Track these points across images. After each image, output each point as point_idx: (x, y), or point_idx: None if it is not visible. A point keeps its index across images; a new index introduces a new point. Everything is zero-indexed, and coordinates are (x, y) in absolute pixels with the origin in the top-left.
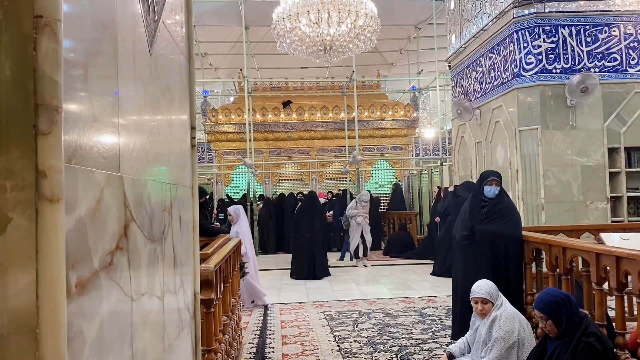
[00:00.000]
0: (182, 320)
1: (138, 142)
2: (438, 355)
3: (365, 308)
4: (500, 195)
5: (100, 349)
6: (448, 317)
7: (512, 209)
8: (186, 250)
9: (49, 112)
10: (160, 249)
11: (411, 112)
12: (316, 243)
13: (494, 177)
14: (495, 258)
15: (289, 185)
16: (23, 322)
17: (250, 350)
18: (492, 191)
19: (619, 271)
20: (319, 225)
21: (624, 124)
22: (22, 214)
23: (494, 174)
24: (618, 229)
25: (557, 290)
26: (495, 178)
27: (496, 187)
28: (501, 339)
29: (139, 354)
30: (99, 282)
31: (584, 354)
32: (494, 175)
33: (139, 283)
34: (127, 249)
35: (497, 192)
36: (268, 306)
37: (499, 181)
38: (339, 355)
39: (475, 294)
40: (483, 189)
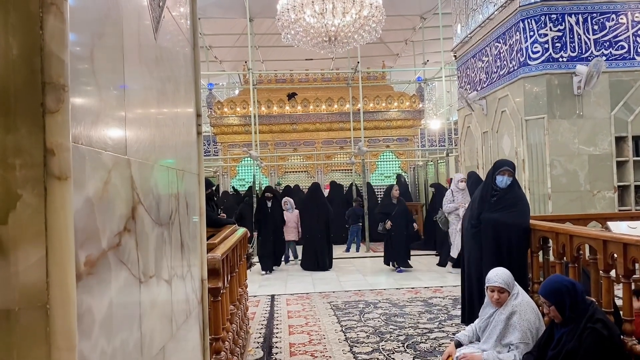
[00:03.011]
0: (189, 305)
1: (144, 127)
2: (445, 344)
3: (372, 298)
4: (512, 186)
5: (110, 328)
6: (454, 306)
7: (520, 198)
8: (193, 236)
9: (56, 91)
10: (167, 233)
11: (417, 103)
12: (320, 235)
13: (507, 167)
14: (499, 246)
15: (294, 177)
16: (34, 297)
17: (258, 340)
18: (504, 181)
19: (626, 258)
20: (323, 217)
21: (631, 113)
22: (31, 191)
23: (507, 164)
24: (625, 218)
25: (563, 277)
26: (508, 168)
27: (508, 178)
28: (526, 330)
29: (147, 336)
30: (107, 262)
31: (590, 340)
32: (507, 165)
33: (147, 266)
34: (134, 231)
35: (509, 183)
36: (275, 297)
37: (511, 172)
38: (345, 345)
39: (491, 283)
40: (495, 178)
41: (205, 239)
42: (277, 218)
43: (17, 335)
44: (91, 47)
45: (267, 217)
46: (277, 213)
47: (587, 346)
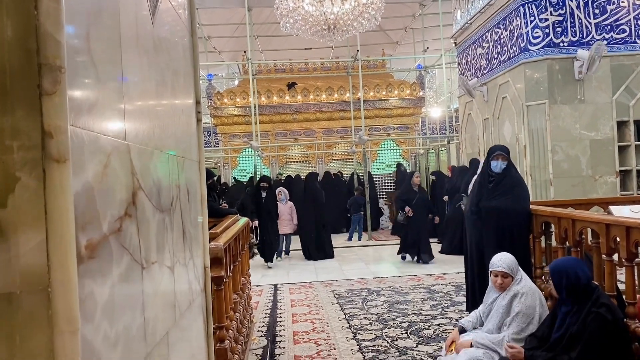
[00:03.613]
0: (192, 292)
1: (143, 114)
2: (448, 330)
3: (375, 286)
4: (507, 170)
5: (112, 313)
6: (457, 293)
7: (518, 183)
8: (195, 223)
9: (52, 72)
10: (169, 219)
11: (417, 91)
12: (318, 224)
13: (500, 151)
14: (501, 233)
15: (295, 167)
16: (35, 280)
17: (262, 329)
18: (498, 166)
19: (629, 241)
20: (317, 206)
21: (633, 97)
22: (30, 174)
23: (500, 149)
24: (627, 202)
25: (573, 262)
26: (501, 152)
27: (502, 162)
28: (522, 314)
29: (150, 322)
30: (108, 247)
31: (594, 324)
32: (500, 149)
33: (149, 252)
34: (135, 216)
35: (504, 167)
36: (278, 286)
37: (505, 155)
38: (349, 332)
39: (495, 267)
40: (490, 163)
41: (207, 226)
42: (271, 209)
43: (19, 318)
44: (87, 31)
45: (260, 207)
46: (271, 204)
47: (592, 330)
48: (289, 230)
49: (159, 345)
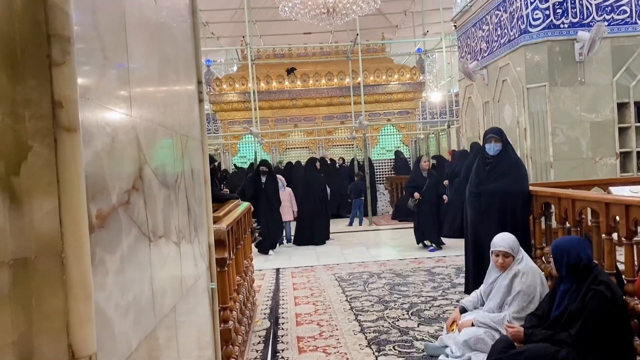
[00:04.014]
0: (198, 269)
1: (148, 89)
2: (449, 311)
3: (376, 269)
4: (503, 152)
5: (123, 282)
6: (458, 275)
7: (516, 164)
8: (199, 201)
9: (61, 43)
10: (174, 196)
11: (417, 75)
12: (316, 209)
13: (492, 134)
14: (502, 216)
15: (295, 153)
16: (49, 246)
17: (264, 312)
18: (492, 148)
19: (628, 220)
20: (319, 191)
21: (633, 78)
22: (42, 142)
23: (492, 131)
24: (627, 183)
25: (575, 242)
26: (493, 135)
27: (496, 144)
28: (523, 293)
29: (159, 294)
30: (117, 218)
31: (593, 302)
32: (492, 132)
33: (156, 226)
34: (142, 190)
35: (499, 149)
36: (280, 270)
37: (498, 138)
38: (351, 313)
39: (496, 247)
40: (485, 147)
41: (211, 205)
42: (270, 195)
43: (35, 282)
44: (93, 5)
45: (259, 193)
46: (270, 189)
47: (591, 307)
48: (289, 217)
49: (166, 318)
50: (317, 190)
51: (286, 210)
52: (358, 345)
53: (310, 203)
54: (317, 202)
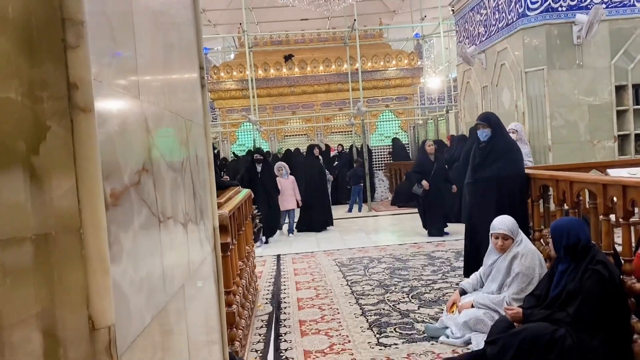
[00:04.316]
0: (204, 251)
1: (154, 73)
2: (449, 294)
3: (376, 254)
4: (494, 137)
5: (136, 259)
6: (457, 259)
7: (510, 147)
8: (203, 185)
9: (75, 26)
10: (181, 179)
11: (415, 61)
12: (315, 196)
13: (479, 121)
14: (498, 201)
15: (294, 141)
16: (68, 222)
17: (266, 297)
18: (482, 134)
19: (625, 200)
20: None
21: (631, 61)
22: (59, 123)
23: (480, 118)
24: (625, 165)
25: (574, 223)
26: (480, 122)
27: (484, 130)
28: (522, 274)
29: (169, 272)
30: (130, 198)
31: (591, 281)
32: (479, 119)
33: (165, 207)
34: (152, 172)
35: (489, 135)
36: (280, 256)
37: (485, 124)
38: (352, 297)
39: (496, 230)
40: (477, 134)
41: (215, 190)
42: (267, 184)
43: (56, 257)
44: None
45: (255, 182)
46: (266, 178)
47: (589, 287)
48: (292, 205)
49: (176, 296)
50: (316, 177)
51: (289, 198)
52: (359, 327)
53: (310, 190)
54: (317, 188)
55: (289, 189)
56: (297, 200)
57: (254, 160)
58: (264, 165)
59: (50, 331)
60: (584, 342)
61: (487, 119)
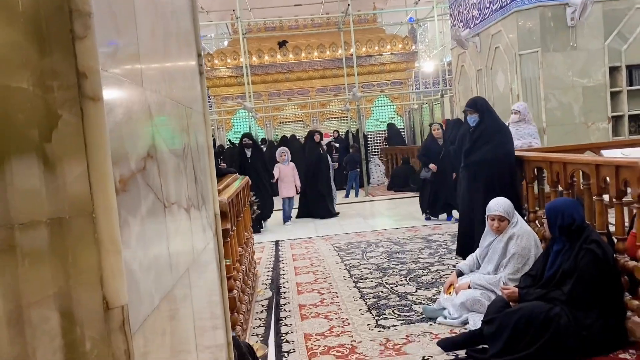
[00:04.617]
0: (206, 235)
1: (155, 61)
2: (446, 276)
3: (373, 238)
4: (482, 121)
5: (144, 243)
6: (453, 241)
7: (498, 129)
8: (204, 172)
9: (82, 17)
10: (183, 164)
11: (410, 45)
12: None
13: (466, 107)
14: (488, 183)
15: (290, 127)
16: (81, 206)
17: (266, 282)
18: (471, 120)
19: (618, 180)
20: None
21: (625, 42)
22: (70, 111)
23: (467, 105)
24: (619, 146)
25: (569, 203)
26: (467, 108)
27: (472, 116)
28: (518, 255)
29: (174, 256)
30: (137, 183)
31: (586, 260)
32: (467, 106)
33: (169, 192)
34: (156, 158)
35: (477, 120)
36: (279, 242)
37: (472, 110)
38: (350, 281)
39: (492, 212)
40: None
41: (215, 176)
42: (258, 169)
43: (71, 240)
44: None
45: (245, 167)
46: (257, 163)
47: (583, 265)
48: (292, 193)
49: (182, 279)
50: (314, 163)
51: (289, 185)
52: (358, 310)
53: (309, 176)
54: (315, 175)
55: (289, 176)
56: (296, 187)
57: (243, 145)
58: (254, 150)
59: (66, 311)
60: (578, 320)
61: (474, 105)
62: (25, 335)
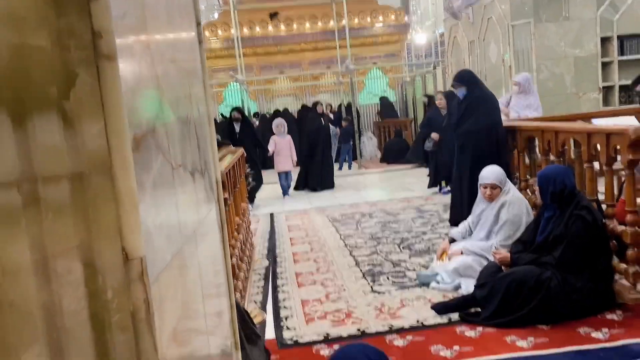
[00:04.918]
0: (209, 199)
1: (159, 29)
2: (439, 244)
3: (367, 209)
4: (470, 92)
5: (156, 201)
6: (446, 211)
7: (483, 99)
8: (205, 138)
9: None
10: (187, 129)
11: (402, 17)
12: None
13: (453, 82)
14: (476, 153)
15: (282, 101)
16: (99, 162)
17: (262, 252)
18: (460, 93)
19: (608, 147)
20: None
21: (617, 12)
22: (86, 70)
23: (454, 79)
24: (609, 115)
25: (560, 171)
26: (455, 83)
27: (460, 89)
28: (510, 222)
29: (183, 217)
30: (148, 143)
31: (576, 226)
32: (453, 80)
33: (176, 155)
34: (163, 121)
35: (464, 92)
36: (274, 214)
37: (459, 83)
38: (345, 250)
39: (484, 180)
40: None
41: (216, 144)
42: (247, 144)
43: (90, 195)
44: None
45: (234, 142)
46: (247, 137)
47: (573, 231)
48: (289, 167)
49: (189, 240)
50: (314, 133)
51: (285, 159)
52: (354, 277)
53: (309, 146)
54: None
55: (285, 149)
56: (292, 161)
57: (232, 119)
58: (243, 125)
59: (89, 262)
60: (568, 283)
61: (461, 78)
62: (51, 284)
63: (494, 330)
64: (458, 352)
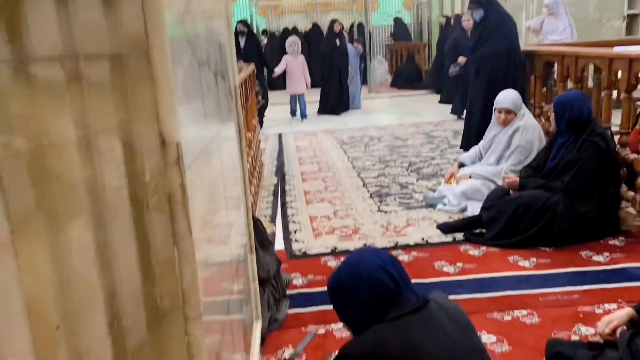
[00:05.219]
0: (229, 104)
1: None
2: (447, 169)
3: (376, 133)
4: (487, 15)
5: (187, 91)
6: (455, 137)
7: (501, 22)
8: (224, 47)
9: None
10: (210, 36)
11: None
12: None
13: (470, 4)
14: (492, 77)
15: (291, 19)
16: (137, 44)
17: (271, 170)
18: (477, 16)
19: (630, 73)
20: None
21: None
22: None
23: (470, 0)
24: (632, 44)
25: (579, 97)
26: (471, 5)
27: (477, 11)
28: (522, 147)
29: (208, 113)
30: (180, 35)
31: (589, 151)
32: (470, 2)
33: (202, 54)
34: (192, 17)
35: (481, 15)
36: (282, 135)
37: (476, 5)
38: (353, 171)
39: (500, 104)
40: None
41: (235, 53)
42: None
43: (129, 77)
44: None
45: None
46: (252, 53)
47: (585, 157)
48: (302, 89)
49: (213, 140)
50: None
51: (298, 81)
52: (361, 197)
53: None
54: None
55: (297, 70)
56: (306, 83)
57: (237, 33)
58: (248, 39)
59: (128, 142)
60: (575, 208)
61: (477, 0)
62: (94, 160)
63: (498, 250)
64: (461, 268)
